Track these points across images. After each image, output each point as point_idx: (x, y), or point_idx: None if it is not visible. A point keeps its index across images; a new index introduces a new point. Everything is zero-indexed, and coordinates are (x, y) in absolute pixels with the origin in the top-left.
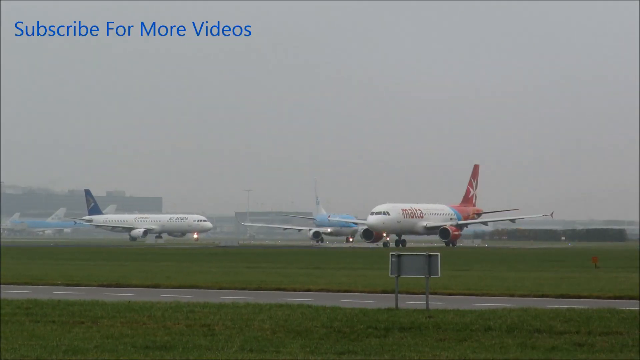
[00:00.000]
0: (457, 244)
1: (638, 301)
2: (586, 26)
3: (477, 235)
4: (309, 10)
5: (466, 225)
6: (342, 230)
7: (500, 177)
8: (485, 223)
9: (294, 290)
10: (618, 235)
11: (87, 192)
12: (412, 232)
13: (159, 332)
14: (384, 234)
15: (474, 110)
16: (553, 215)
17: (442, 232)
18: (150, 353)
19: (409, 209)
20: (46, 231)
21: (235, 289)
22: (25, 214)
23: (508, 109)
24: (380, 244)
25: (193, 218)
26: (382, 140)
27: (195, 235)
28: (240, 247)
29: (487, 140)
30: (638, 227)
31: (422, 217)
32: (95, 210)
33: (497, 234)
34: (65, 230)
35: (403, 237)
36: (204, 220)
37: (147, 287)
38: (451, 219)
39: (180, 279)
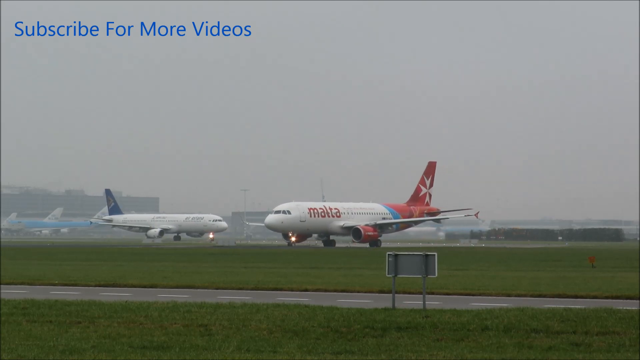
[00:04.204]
0: (456, 244)
1: (635, 301)
2: (585, 26)
3: (474, 235)
4: (309, 10)
5: (391, 225)
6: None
7: (497, 177)
8: (411, 224)
9: (291, 290)
10: (615, 235)
11: (108, 192)
12: (327, 232)
13: (156, 332)
14: (290, 234)
15: (473, 110)
16: (478, 215)
17: (354, 232)
18: (147, 353)
19: (321, 208)
20: (43, 231)
21: (232, 289)
22: (22, 214)
23: (505, 109)
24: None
25: (209, 218)
26: (382, 140)
27: (210, 235)
28: (237, 247)
29: (487, 140)
30: (637, 227)
31: (339, 216)
32: (115, 210)
33: (494, 234)
34: (62, 230)
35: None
36: (220, 220)
37: (144, 287)
38: (383, 218)
39: (177, 279)
